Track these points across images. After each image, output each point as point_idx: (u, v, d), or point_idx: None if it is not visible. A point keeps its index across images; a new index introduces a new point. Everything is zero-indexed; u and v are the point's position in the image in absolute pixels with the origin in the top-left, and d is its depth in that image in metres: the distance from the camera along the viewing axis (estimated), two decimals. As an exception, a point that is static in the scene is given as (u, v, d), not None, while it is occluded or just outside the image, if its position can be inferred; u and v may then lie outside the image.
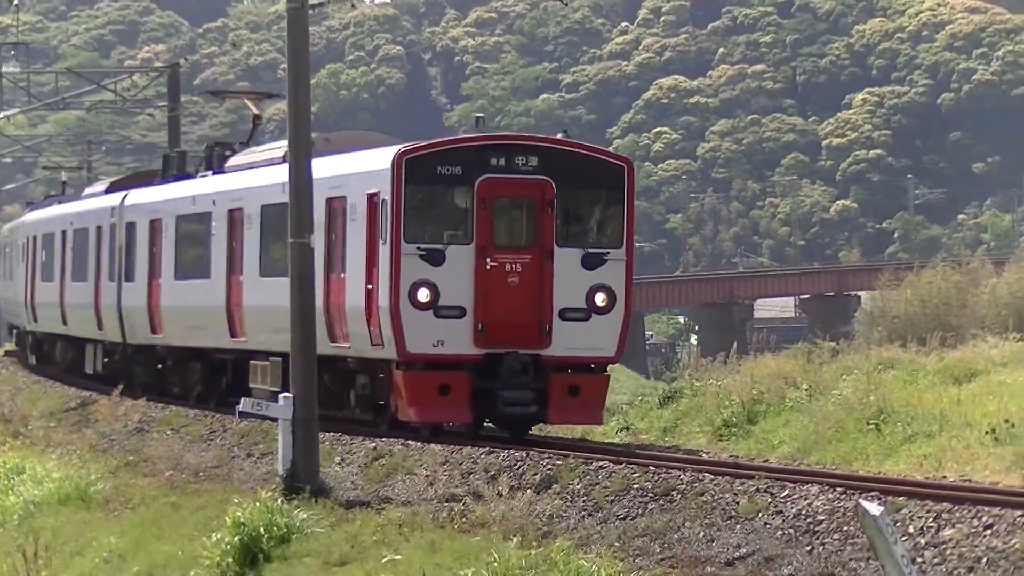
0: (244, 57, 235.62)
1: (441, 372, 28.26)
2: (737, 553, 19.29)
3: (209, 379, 39.70)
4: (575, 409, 29.12)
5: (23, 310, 59.28)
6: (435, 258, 28.28)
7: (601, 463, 24.10)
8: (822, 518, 19.42)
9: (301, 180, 27.52)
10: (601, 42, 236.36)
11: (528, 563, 19.04)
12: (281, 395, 27.62)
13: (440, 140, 29.82)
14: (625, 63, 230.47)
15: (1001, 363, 38.61)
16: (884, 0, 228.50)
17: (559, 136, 30.11)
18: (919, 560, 16.95)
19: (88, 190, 58.63)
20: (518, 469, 24.83)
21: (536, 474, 24.33)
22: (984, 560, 16.83)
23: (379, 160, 29.40)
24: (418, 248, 28.24)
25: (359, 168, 30.55)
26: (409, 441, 28.54)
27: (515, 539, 20.33)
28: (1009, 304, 54.58)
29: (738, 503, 20.77)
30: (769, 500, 20.53)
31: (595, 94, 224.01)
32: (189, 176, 43.62)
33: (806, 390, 33.93)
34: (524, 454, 25.46)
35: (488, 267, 28.32)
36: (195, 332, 39.16)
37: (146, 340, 42.95)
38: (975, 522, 17.81)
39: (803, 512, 19.80)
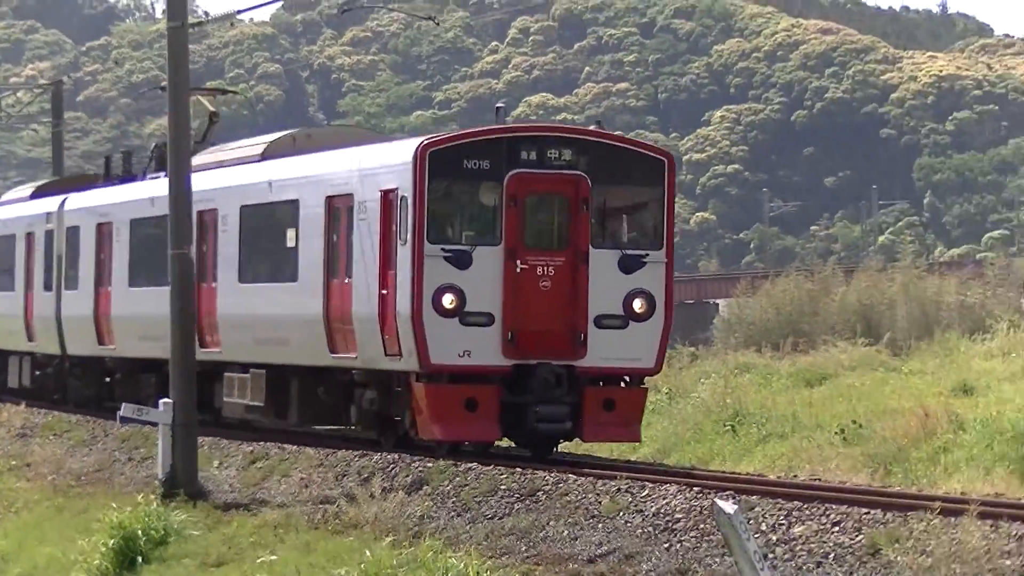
0: (127, 74, 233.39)
1: (468, 385, 24.89)
2: (599, 551, 19.38)
3: (165, 392, 32.86)
4: (611, 425, 25.74)
5: None
6: (461, 260, 24.91)
7: (469, 465, 24.06)
8: (680, 516, 19.53)
9: (180, 192, 27.50)
10: (472, 61, 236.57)
11: (399, 562, 19.21)
12: (161, 400, 27.37)
13: (467, 131, 26.85)
14: (495, 81, 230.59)
15: (850, 367, 39.15)
16: (741, 22, 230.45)
17: (593, 127, 27.25)
18: (771, 556, 17.01)
19: (7, 196, 53.69)
20: (390, 471, 24.77)
21: (408, 476, 24.26)
22: (832, 555, 17.03)
23: (398, 154, 26.24)
24: (443, 249, 24.92)
25: (371, 163, 26.99)
26: (285, 444, 28.39)
27: (387, 539, 20.45)
28: (858, 311, 55.08)
29: (600, 503, 20.84)
30: (630, 500, 20.63)
31: (466, 111, 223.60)
32: (135, 178, 39.41)
33: (666, 393, 34.21)
34: (396, 457, 25.36)
35: (518, 270, 25.05)
36: (155, 343, 33.62)
37: (91, 352, 38.74)
38: (824, 519, 18.03)
39: (662, 511, 19.91)
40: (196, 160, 34.16)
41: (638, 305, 25.49)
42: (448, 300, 24.71)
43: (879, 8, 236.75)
